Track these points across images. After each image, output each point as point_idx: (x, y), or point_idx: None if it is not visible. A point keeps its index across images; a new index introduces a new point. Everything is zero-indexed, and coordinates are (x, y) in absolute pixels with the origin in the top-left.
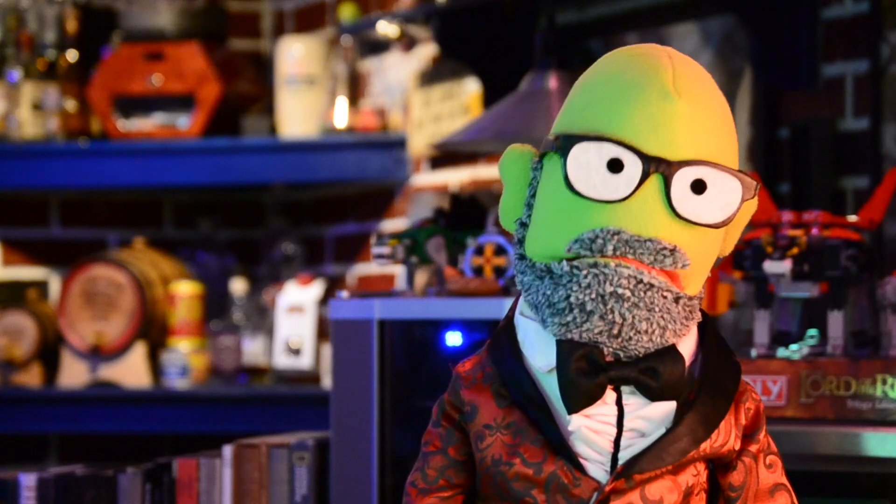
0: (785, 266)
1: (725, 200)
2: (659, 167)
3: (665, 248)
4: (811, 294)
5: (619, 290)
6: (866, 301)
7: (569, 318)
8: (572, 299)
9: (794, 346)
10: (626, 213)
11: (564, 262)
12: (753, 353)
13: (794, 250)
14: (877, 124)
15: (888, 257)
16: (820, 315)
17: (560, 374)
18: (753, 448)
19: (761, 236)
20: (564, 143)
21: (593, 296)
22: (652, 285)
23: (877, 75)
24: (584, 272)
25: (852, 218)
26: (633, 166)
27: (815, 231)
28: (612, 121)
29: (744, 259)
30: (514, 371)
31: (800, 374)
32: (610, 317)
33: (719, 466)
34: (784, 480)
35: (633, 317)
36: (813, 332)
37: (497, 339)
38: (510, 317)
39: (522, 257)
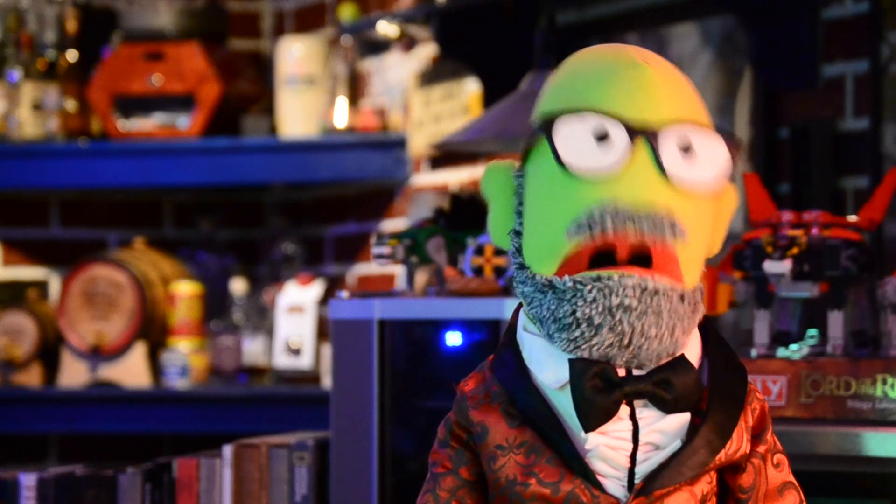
0: (785, 266)
1: (714, 160)
2: (644, 132)
3: (663, 218)
4: (811, 294)
5: (626, 301)
6: (866, 301)
7: (577, 334)
8: (578, 314)
9: (794, 346)
10: (620, 185)
11: (567, 278)
12: (753, 353)
13: (794, 250)
14: (877, 124)
15: (888, 257)
16: (820, 315)
17: (575, 393)
18: (762, 448)
19: (761, 236)
20: (547, 123)
21: (600, 309)
22: (657, 291)
23: (877, 75)
24: (589, 287)
25: (852, 218)
26: (618, 135)
27: (815, 231)
28: (591, 96)
29: (744, 259)
30: (523, 389)
31: (800, 374)
32: (619, 328)
33: (728, 469)
34: (791, 478)
35: (642, 324)
36: (813, 332)
37: (500, 356)
38: (512, 332)
39: (522, 267)
